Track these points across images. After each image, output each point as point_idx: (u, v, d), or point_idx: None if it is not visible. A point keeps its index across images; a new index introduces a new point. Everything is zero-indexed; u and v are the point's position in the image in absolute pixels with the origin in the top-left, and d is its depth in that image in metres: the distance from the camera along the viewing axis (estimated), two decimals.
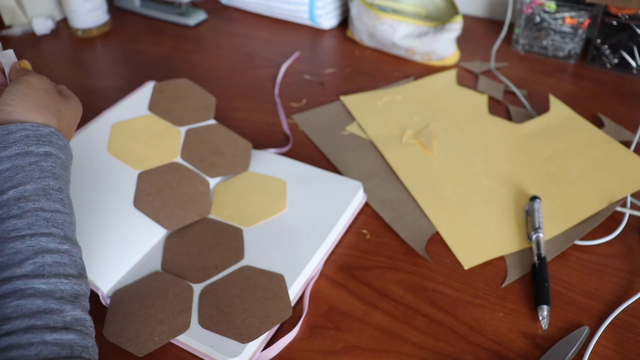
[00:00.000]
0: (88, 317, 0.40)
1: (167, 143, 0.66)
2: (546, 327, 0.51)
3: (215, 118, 0.74)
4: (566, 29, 0.90)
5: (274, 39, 1.03)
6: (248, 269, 0.55)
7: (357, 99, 0.84)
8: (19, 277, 0.38)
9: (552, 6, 0.89)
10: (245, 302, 0.52)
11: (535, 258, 0.57)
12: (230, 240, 0.59)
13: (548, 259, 0.58)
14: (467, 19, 1.05)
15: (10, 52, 0.51)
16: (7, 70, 0.50)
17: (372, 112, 0.81)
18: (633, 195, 0.65)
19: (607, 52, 0.88)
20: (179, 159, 0.65)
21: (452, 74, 0.89)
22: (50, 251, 0.40)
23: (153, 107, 0.68)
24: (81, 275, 0.42)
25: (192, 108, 0.70)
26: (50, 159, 0.44)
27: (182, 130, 0.68)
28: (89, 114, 0.66)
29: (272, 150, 0.73)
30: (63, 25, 1.07)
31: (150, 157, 0.64)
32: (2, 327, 0.36)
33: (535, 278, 0.55)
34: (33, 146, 0.43)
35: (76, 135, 0.63)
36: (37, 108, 0.46)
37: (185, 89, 0.72)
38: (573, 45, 0.91)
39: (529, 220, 0.61)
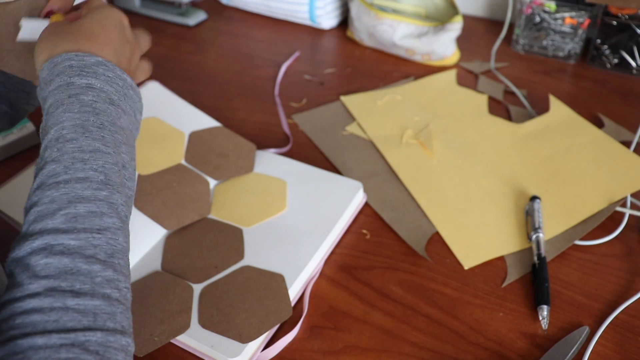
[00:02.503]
0: (122, 277, 0.37)
1: (171, 146, 0.66)
2: (546, 327, 0.51)
3: (215, 118, 0.74)
4: (566, 29, 0.90)
5: (274, 39, 1.03)
6: (248, 269, 0.55)
7: (357, 99, 0.84)
8: (49, 231, 0.36)
9: (552, 6, 0.89)
10: (245, 302, 0.52)
11: (535, 258, 0.57)
12: (230, 240, 0.59)
13: (548, 259, 0.58)
14: (467, 19, 1.05)
15: None
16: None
17: (372, 112, 0.81)
18: (633, 195, 0.65)
19: (607, 52, 0.88)
20: (183, 162, 0.65)
21: (452, 74, 0.89)
22: (85, 199, 0.37)
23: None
24: (121, 227, 0.38)
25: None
26: (92, 92, 0.40)
27: (186, 133, 0.68)
28: None
29: (272, 150, 0.73)
30: None
31: (155, 160, 0.64)
32: (30, 286, 0.34)
33: (535, 278, 0.55)
34: (75, 77, 0.40)
35: None
36: (91, 37, 0.42)
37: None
38: (573, 45, 0.91)
39: (529, 220, 0.61)
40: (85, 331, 0.34)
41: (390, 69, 0.92)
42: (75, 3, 0.50)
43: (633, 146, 0.72)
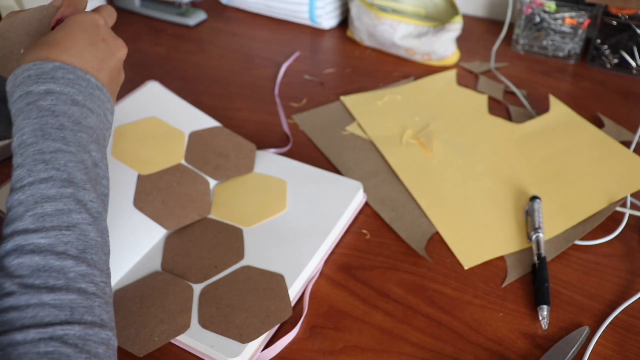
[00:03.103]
0: (97, 272, 0.37)
1: (171, 146, 0.66)
2: (546, 327, 0.51)
3: (216, 118, 0.74)
4: (566, 29, 0.90)
5: (274, 39, 1.03)
6: (248, 269, 0.55)
7: (357, 99, 0.84)
8: (19, 232, 0.36)
9: (552, 6, 0.89)
10: (245, 302, 0.52)
11: (535, 258, 0.57)
12: (230, 240, 0.59)
13: (548, 259, 0.58)
14: (467, 19, 1.05)
15: None
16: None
17: (372, 112, 0.81)
18: (633, 195, 0.65)
19: (607, 52, 0.88)
20: (183, 162, 0.65)
21: (452, 74, 0.89)
22: (50, 198, 0.37)
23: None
24: (92, 222, 0.39)
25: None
26: (51, 97, 0.40)
27: (186, 133, 0.68)
28: None
29: (272, 150, 0.73)
30: None
31: (155, 160, 0.64)
32: (4, 285, 0.35)
33: (535, 278, 0.55)
34: (33, 85, 0.40)
35: None
36: (51, 45, 0.42)
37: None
38: (573, 45, 0.91)
39: (529, 220, 0.61)
40: (63, 325, 0.34)
41: (390, 69, 0.92)
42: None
43: (633, 146, 0.72)
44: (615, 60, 0.88)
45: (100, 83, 0.44)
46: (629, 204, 0.63)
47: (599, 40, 0.88)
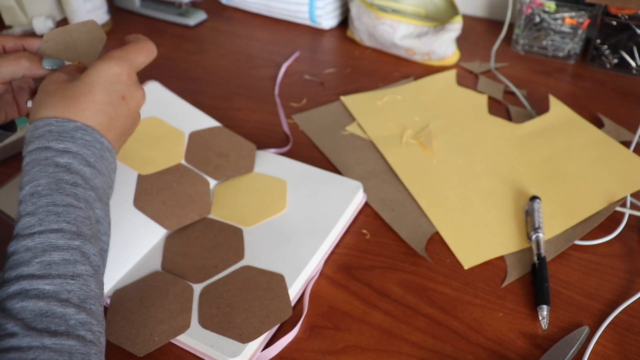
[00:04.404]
0: (95, 322, 0.39)
1: (171, 146, 0.66)
2: (546, 327, 0.51)
3: (216, 118, 0.74)
4: (566, 29, 0.90)
5: (274, 39, 1.03)
6: (248, 269, 0.55)
7: (357, 99, 0.84)
8: (25, 277, 0.38)
9: (552, 6, 0.89)
10: (245, 302, 0.52)
11: (535, 258, 0.57)
12: (230, 240, 0.59)
13: (548, 259, 0.58)
14: (467, 19, 1.05)
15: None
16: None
17: (372, 112, 0.81)
18: (633, 195, 0.65)
19: (607, 52, 0.88)
20: (183, 162, 0.65)
21: (452, 74, 0.89)
22: (59, 248, 0.39)
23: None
24: (93, 274, 0.41)
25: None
26: (68, 155, 0.43)
27: (186, 133, 0.68)
28: None
29: (272, 150, 0.73)
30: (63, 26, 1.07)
31: (155, 160, 0.64)
32: (7, 326, 0.36)
33: (535, 278, 0.55)
34: (53, 142, 0.43)
35: None
36: (74, 103, 0.44)
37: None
38: (573, 46, 0.91)
39: (528, 220, 0.61)
40: None
41: (390, 69, 0.92)
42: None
43: (633, 146, 0.72)
44: (615, 60, 0.88)
45: (110, 144, 0.47)
46: (628, 204, 0.63)
47: (598, 40, 0.88)
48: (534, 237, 0.58)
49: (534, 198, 0.63)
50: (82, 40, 0.53)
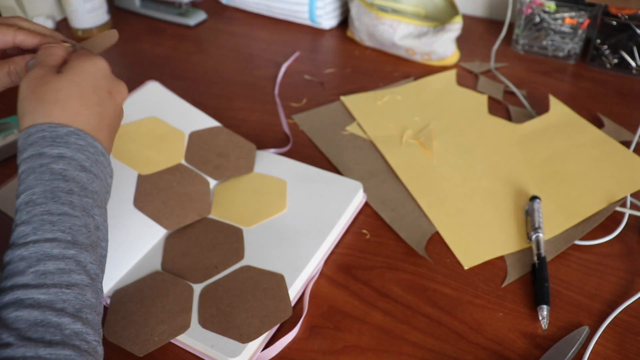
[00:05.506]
0: (91, 331, 0.39)
1: (171, 146, 0.66)
2: (546, 327, 0.51)
3: (216, 118, 0.74)
4: (566, 29, 0.90)
5: (274, 39, 1.03)
6: (248, 269, 0.55)
7: (357, 99, 0.84)
8: (20, 287, 0.37)
9: (551, 6, 0.89)
10: (245, 302, 0.52)
11: (535, 258, 0.57)
12: (230, 240, 0.59)
13: (548, 259, 0.58)
14: (467, 19, 1.05)
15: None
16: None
17: (372, 112, 0.81)
18: (633, 195, 0.65)
19: (607, 52, 0.88)
20: (183, 162, 0.65)
21: (452, 74, 0.89)
22: (53, 257, 0.39)
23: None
24: (89, 284, 0.40)
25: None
26: (62, 161, 0.43)
27: (186, 133, 0.68)
28: None
29: (272, 150, 0.73)
30: (63, 26, 1.07)
31: (155, 160, 0.64)
32: (0, 337, 0.36)
33: (535, 278, 0.55)
34: (47, 147, 0.42)
35: None
36: (65, 107, 0.44)
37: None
38: (573, 46, 0.91)
39: (528, 220, 0.61)
40: None
41: (390, 69, 0.92)
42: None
43: (633, 146, 0.72)
44: (615, 61, 0.88)
45: (103, 147, 0.46)
46: (628, 204, 0.63)
47: (598, 41, 0.88)
48: (534, 237, 0.58)
49: (534, 198, 0.63)
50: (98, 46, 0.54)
